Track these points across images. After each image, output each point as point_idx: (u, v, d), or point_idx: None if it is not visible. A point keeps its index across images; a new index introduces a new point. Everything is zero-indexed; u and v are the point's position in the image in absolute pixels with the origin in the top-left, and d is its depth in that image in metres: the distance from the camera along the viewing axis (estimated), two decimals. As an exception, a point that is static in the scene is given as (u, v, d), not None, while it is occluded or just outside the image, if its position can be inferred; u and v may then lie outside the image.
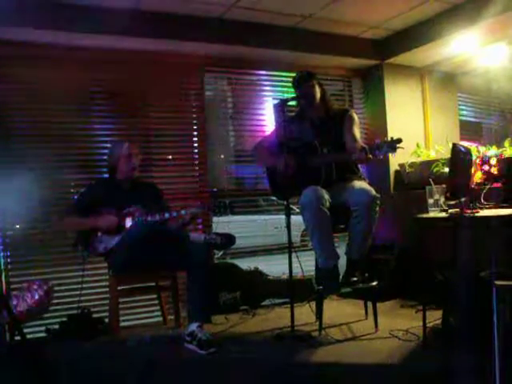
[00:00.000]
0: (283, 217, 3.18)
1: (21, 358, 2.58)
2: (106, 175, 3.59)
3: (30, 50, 3.61)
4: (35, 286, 3.25)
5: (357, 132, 3.38)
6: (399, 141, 2.85)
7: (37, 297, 3.20)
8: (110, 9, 3.54)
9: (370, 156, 2.96)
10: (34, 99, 3.70)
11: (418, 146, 4.61)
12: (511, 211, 2.67)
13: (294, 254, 3.24)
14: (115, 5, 3.54)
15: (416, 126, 4.85)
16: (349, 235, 3.21)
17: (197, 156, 4.28)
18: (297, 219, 3.35)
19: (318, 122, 3.45)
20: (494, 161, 3.70)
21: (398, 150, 2.89)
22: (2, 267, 3.51)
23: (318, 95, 3.40)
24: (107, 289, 3.50)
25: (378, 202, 3.10)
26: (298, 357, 2.81)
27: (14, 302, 3.16)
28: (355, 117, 3.46)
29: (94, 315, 3.51)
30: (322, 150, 3.27)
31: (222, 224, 4.14)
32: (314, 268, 3.48)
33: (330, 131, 3.36)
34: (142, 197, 3.43)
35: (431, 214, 3.03)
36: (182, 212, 3.30)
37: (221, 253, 4.44)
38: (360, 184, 3.24)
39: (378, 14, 4.07)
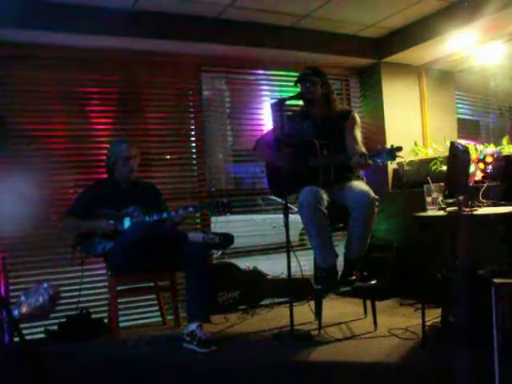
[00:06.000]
0: (281, 216, 3.19)
1: (20, 359, 2.57)
2: (105, 175, 3.58)
3: (27, 51, 3.60)
4: (42, 290, 3.21)
5: (358, 134, 3.36)
6: (399, 149, 2.82)
7: (41, 300, 3.15)
8: (107, 9, 3.52)
9: (370, 162, 2.94)
10: (32, 100, 3.69)
11: (415, 144, 4.63)
12: (509, 209, 2.67)
13: (292, 254, 3.24)
14: (112, 5, 3.52)
15: (414, 124, 4.84)
16: (347, 236, 3.21)
17: (195, 156, 4.27)
18: (295, 218, 3.35)
19: (320, 121, 3.42)
20: (491, 159, 3.70)
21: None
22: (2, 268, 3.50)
23: (318, 94, 3.37)
24: (106, 289, 3.51)
25: (377, 203, 3.10)
26: (297, 356, 2.81)
27: (22, 299, 3.13)
28: (357, 118, 3.43)
29: (93, 316, 3.51)
30: (322, 151, 3.25)
31: (220, 224, 4.14)
32: (312, 267, 3.49)
33: (331, 131, 3.34)
34: (141, 197, 3.43)
35: (429, 213, 3.03)
36: (180, 211, 3.29)
37: (219, 252, 4.44)
38: (359, 185, 3.23)
39: (375, 13, 4.07)
